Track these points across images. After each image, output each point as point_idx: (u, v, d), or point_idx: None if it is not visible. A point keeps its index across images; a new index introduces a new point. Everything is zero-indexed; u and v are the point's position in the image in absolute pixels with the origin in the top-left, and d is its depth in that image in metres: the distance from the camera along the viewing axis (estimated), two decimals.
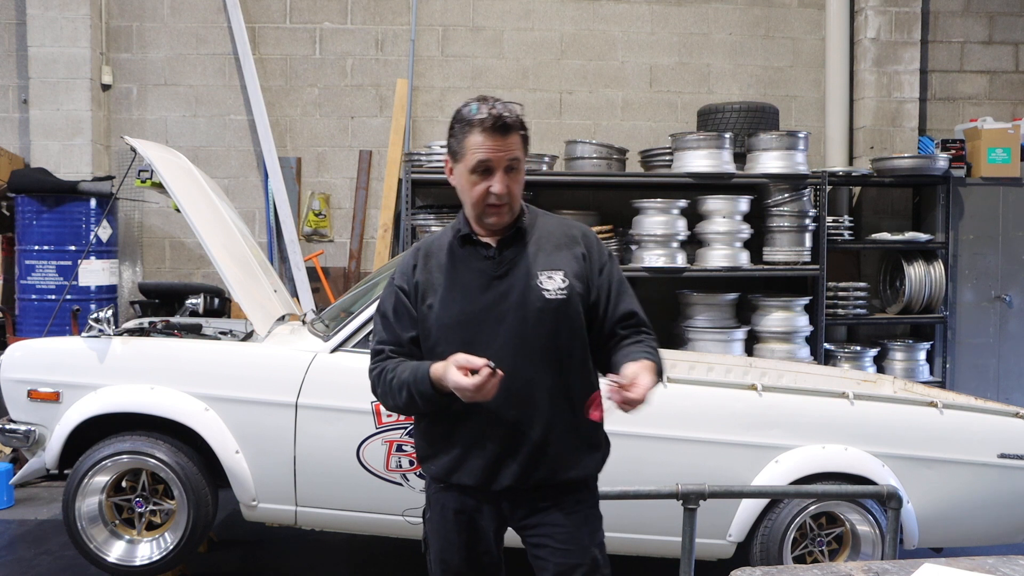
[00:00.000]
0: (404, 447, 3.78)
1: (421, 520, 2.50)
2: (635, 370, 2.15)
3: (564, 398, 2.30)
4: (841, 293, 6.47)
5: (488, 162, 2.23)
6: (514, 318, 2.27)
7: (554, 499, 2.33)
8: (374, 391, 2.42)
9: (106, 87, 6.76)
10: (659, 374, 2.23)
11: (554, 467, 2.30)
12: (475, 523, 2.35)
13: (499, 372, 2.10)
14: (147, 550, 3.95)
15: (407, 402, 2.29)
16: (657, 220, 6.02)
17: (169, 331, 4.48)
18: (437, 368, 2.20)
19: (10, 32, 6.73)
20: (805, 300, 6.27)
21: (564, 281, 2.29)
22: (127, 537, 3.98)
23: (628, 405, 2.10)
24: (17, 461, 5.48)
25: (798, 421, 3.91)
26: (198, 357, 4.04)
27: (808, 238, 6.27)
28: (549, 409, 2.28)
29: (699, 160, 6.05)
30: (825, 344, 6.36)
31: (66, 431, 3.92)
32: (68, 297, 5.94)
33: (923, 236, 6.51)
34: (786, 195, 6.22)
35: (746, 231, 6.15)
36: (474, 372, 2.10)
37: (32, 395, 4.01)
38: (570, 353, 2.31)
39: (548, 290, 2.28)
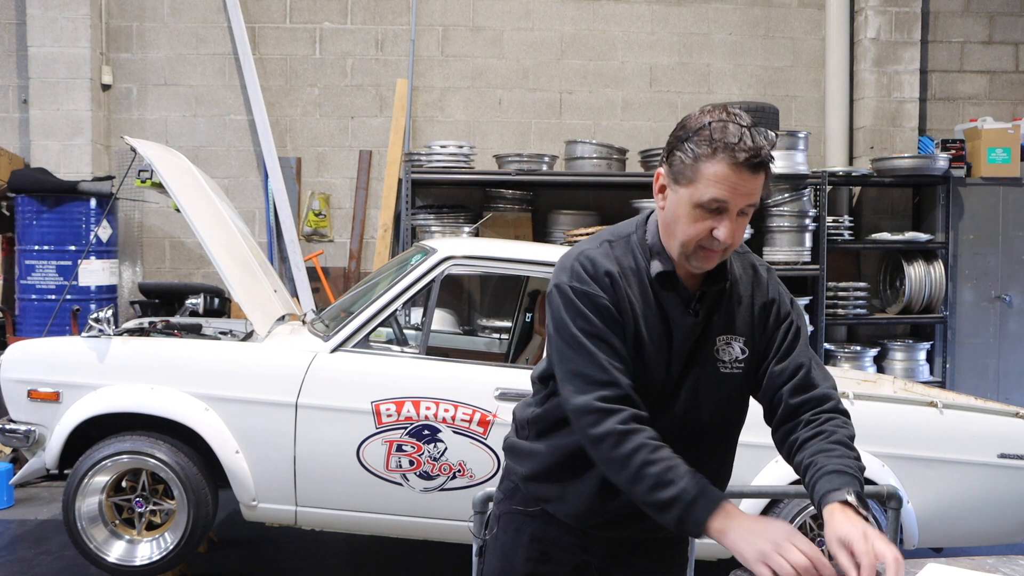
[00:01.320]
0: (404, 447, 3.78)
1: (483, 535, 2.20)
2: (880, 550, 1.66)
3: (709, 469, 1.86)
4: (841, 293, 6.48)
5: (725, 203, 1.75)
6: (691, 385, 1.90)
7: (654, 548, 2.06)
8: (595, 445, 1.79)
9: (106, 87, 6.76)
10: (855, 489, 1.73)
11: (671, 533, 1.92)
12: (550, 556, 2.03)
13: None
14: (147, 550, 3.95)
15: (645, 494, 1.74)
16: None
17: (169, 331, 4.48)
18: (733, 513, 1.69)
19: (10, 32, 6.73)
20: (805, 300, 6.27)
21: (743, 352, 1.91)
22: (127, 537, 3.98)
23: None
24: (17, 461, 5.48)
25: None
26: (198, 357, 4.03)
27: (808, 238, 6.27)
28: None
29: None
30: (825, 344, 6.36)
31: (66, 431, 3.91)
32: (68, 297, 5.94)
33: (923, 236, 6.51)
34: (786, 195, 6.22)
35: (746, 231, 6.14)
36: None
37: (32, 395, 4.00)
38: (731, 429, 2.01)
39: (723, 361, 1.90)
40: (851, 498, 1.68)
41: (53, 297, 6.00)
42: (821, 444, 1.84)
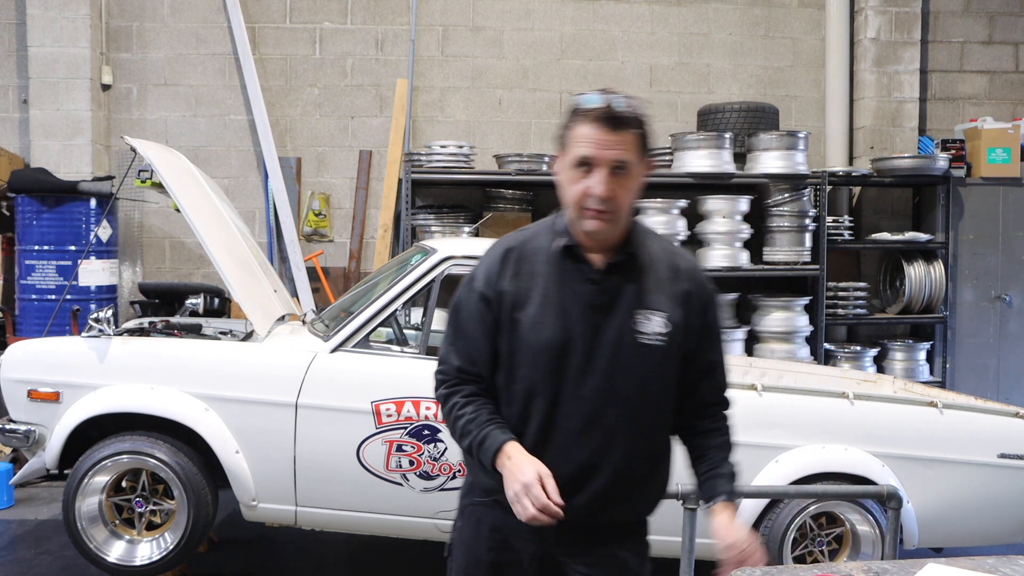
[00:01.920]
0: (404, 447, 3.78)
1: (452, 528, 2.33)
2: (737, 535, 2.07)
3: (640, 450, 2.09)
4: (841, 293, 6.48)
5: (590, 158, 1.96)
6: (605, 358, 2.03)
7: (607, 535, 2.15)
8: (439, 406, 2.20)
9: (106, 87, 6.76)
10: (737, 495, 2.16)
11: (613, 516, 2.12)
12: (509, 544, 2.13)
13: (558, 517, 1.91)
14: (147, 550, 3.95)
15: (464, 451, 2.13)
16: (657, 220, 6.02)
17: (169, 331, 4.48)
18: (511, 455, 1.98)
19: (10, 32, 6.73)
20: (805, 300, 6.27)
21: (665, 326, 2.05)
22: (127, 537, 3.98)
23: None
24: (17, 461, 5.48)
25: (798, 421, 3.91)
26: (198, 357, 4.03)
27: (808, 238, 6.27)
28: (621, 461, 2.06)
29: (699, 160, 6.05)
30: (825, 344, 6.36)
31: (66, 431, 3.91)
32: (68, 297, 5.94)
33: (923, 236, 6.51)
34: (786, 195, 6.23)
35: (746, 231, 6.15)
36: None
37: (32, 395, 4.00)
38: (656, 405, 2.10)
39: (645, 333, 2.04)
40: (735, 501, 2.15)
41: (53, 297, 6.00)
42: (715, 442, 2.19)
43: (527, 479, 1.92)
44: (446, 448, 3.76)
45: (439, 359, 2.19)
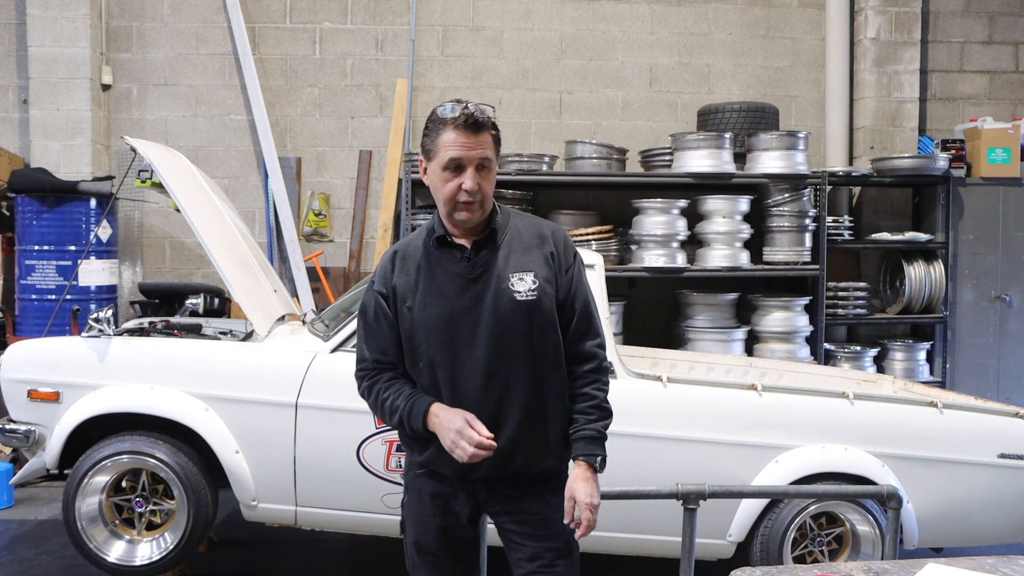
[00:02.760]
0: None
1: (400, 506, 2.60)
2: (578, 492, 2.34)
3: (538, 393, 2.38)
4: (841, 293, 6.47)
5: (460, 159, 2.29)
6: (489, 319, 2.35)
7: (528, 487, 2.43)
8: (363, 397, 2.51)
9: (106, 87, 6.77)
10: (599, 455, 2.40)
11: (529, 459, 2.40)
12: (450, 507, 2.45)
13: (492, 448, 2.27)
14: (147, 550, 3.95)
15: (396, 425, 2.43)
16: (657, 220, 6.02)
17: (169, 331, 4.48)
18: (436, 413, 2.32)
19: (10, 32, 6.73)
20: (805, 300, 6.27)
21: (534, 283, 2.37)
22: (127, 537, 3.98)
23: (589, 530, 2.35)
24: (17, 461, 5.48)
25: (798, 421, 3.91)
26: (198, 357, 4.03)
27: (808, 238, 6.27)
28: (524, 405, 2.37)
29: (699, 160, 6.05)
30: (825, 344, 6.36)
31: (66, 431, 3.91)
32: (68, 297, 5.94)
33: (923, 236, 6.51)
34: (786, 195, 6.22)
35: (746, 231, 6.15)
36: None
37: (32, 395, 4.00)
38: (543, 351, 2.39)
39: (519, 291, 2.36)
40: (595, 461, 2.38)
41: (53, 297, 6.00)
42: (582, 406, 2.43)
43: (457, 426, 2.26)
44: None
45: (356, 359, 2.51)
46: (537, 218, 2.56)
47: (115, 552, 3.95)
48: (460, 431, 2.26)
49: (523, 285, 2.36)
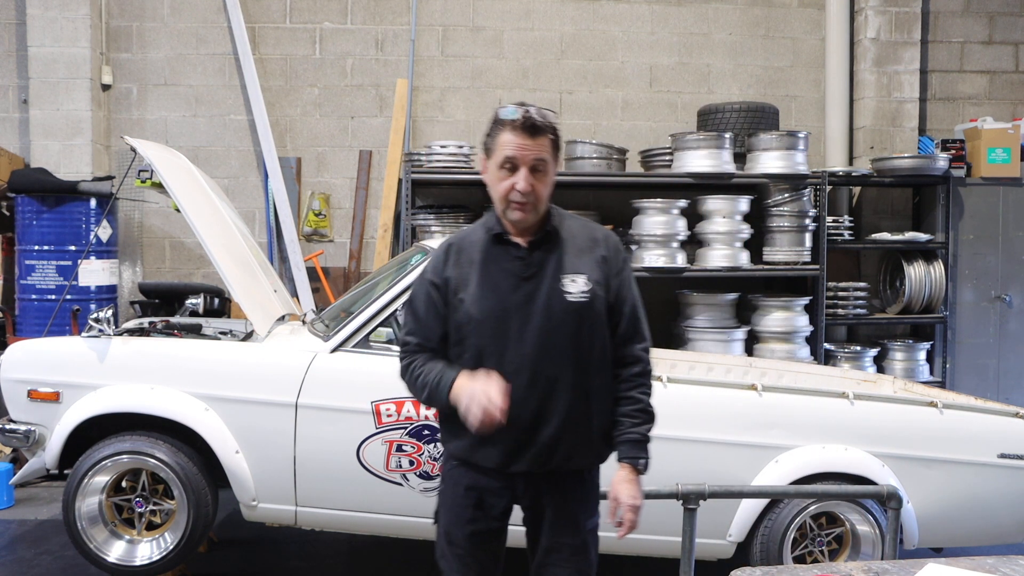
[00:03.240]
0: (404, 447, 3.79)
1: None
2: (622, 493, 2.44)
3: (582, 394, 2.43)
4: (841, 293, 6.47)
5: (514, 159, 2.39)
6: (540, 318, 2.41)
7: (562, 482, 2.49)
8: (402, 378, 2.56)
9: (106, 87, 6.77)
10: (643, 458, 2.50)
11: (569, 456, 2.45)
12: (484, 501, 2.49)
13: (502, 421, 2.30)
14: (147, 550, 3.95)
15: (427, 400, 2.50)
16: (657, 220, 6.02)
17: (169, 331, 4.48)
18: (460, 383, 2.36)
19: (10, 32, 6.73)
20: (805, 300, 6.27)
21: (587, 285, 2.44)
22: (127, 537, 3.98)
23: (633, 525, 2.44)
24: (17, 461, 5.48)
25: (798, 421, 3.91)
26: (198, 357, 4.03)
27: (808, 238, 6.27)
28: (568, 404, 2.42)
29: (699, 160, 6.05)
30: (825, 344, 6.36)
31: (66, 431, 3.91)
32: (68, 297, 5.94)
33: (923, 236, 6.51)
34: (786, 195, 6.22)
35: (746, 231, 6.15)
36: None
37: (32, 395, 4.00)
38: (590, 353, 2.44)
39: (571, 293, 2.42)
40: (639, 464, 2.48)
41: (53, 297, 6.00)
42: (626, 409, 2.50)
43: (473, 390, 2.30)
44: None
45: (400, 343, 2.57)
46: (589, 221, 2.64)
47: (115, 552, 3.95)
48: (472, 395, 2.29)
49: (575, 287, 2.43)
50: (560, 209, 2.58)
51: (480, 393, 2.28)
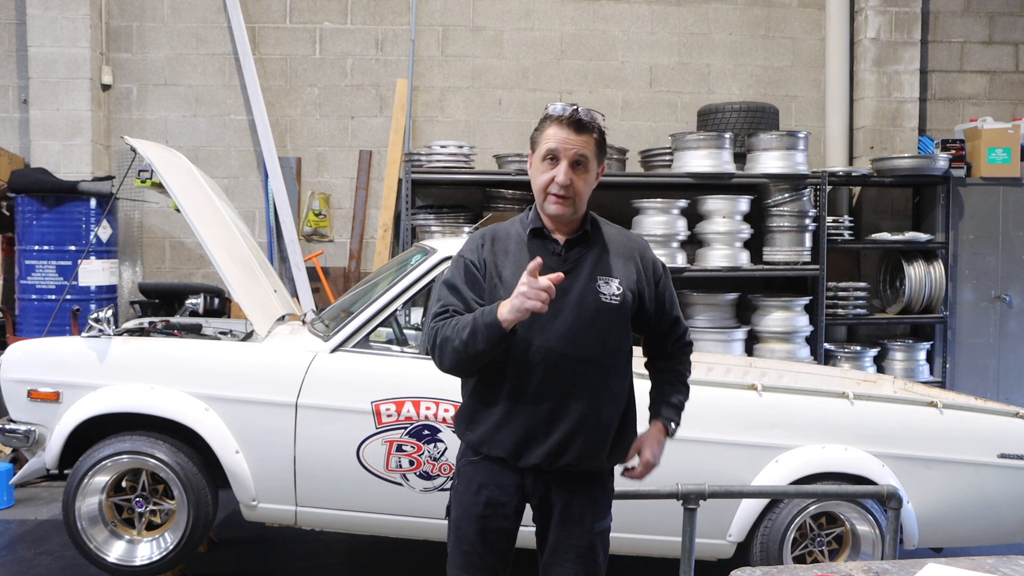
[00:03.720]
0: (404, 447, 3.79)
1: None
2: (647, 445, 2.58)
3: (600, 395, 2.46)
4: (841, 293, 6.47)
5: (556, 151, 2.41)
6: (570, 313, 2.42)
7: (570, 482, 2.49)
8: (431, 345, 2.45)
9: (106, 87, 6.77)
10: (675, 421, 2.64)
11: (580, 457, 2.45)
12: (495, 499, 2.49)
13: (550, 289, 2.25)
14: (147, 550, 3.95)
15: (468, 339, 2.33)
16: (657, 220, 6.02)
17: (169, 331, 4.48)
18: (502, 310, 2.29)
19: (10, 32, 6.73)
20: (805, 300, 6.27)
21: (619, 288, 2.47)
22: (127, 537, 3.98)
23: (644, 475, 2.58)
24: (17, 461, 5.48)
25: (798, 421, 3.91)
26: (198, 357, 4.03)
27: (808, 238, 6.27)
28: (585, 403, 2.43)
29: (699, 160, 6.05)
30: (825, 344, 6.36)
31: (66, 431, 3.91)
32: (68, 297, 5.94)
33: (923, 236, 6.51)
34: (786, 195, 6.22)
35: (746, 231, 6.15)
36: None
37: (32, 395, 4.00)
38: (613, 356, 2.48)
39: (604, 294, 2.46)
40: (671, 426, 2.62)
41: (53, 297, 6.00)
42: (667, 377, 2.69)
43: (519, 290, 2.24)
44: (446, 448, 3.76)
45: (431, 315, 2.50)
46: (624, 228, 2.69)
47: (115, 552, 3.94)
48: (518, 292, 2.24)
49: (608, 289, 2.46)
50: (599, 216, 2.61)
51: (522, 285, 2.23)
